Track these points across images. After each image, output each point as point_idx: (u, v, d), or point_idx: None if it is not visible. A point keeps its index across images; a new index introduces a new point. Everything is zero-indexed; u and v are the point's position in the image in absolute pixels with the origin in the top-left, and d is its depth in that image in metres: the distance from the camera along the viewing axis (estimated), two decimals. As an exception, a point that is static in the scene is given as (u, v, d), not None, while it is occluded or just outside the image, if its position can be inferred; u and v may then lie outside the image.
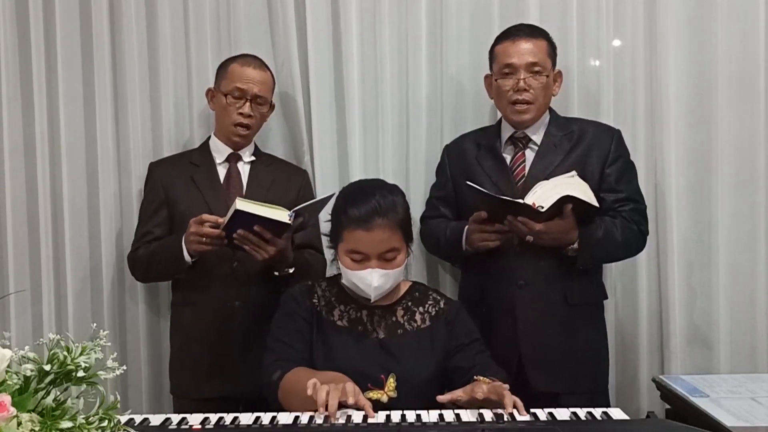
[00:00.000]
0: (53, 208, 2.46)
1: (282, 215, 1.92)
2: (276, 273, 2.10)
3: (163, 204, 2.21)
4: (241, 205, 1.89)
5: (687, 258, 2.42)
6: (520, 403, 1.52)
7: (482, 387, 1.55)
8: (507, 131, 2.19)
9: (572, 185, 1.99)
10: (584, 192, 1.98)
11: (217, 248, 2.01)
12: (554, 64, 2.15)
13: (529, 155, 2.16)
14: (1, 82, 2.41)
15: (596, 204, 2.00)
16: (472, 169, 2.18)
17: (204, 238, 1.98)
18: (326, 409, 1.47)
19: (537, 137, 2.16)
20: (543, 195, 1.96)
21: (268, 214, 1.91)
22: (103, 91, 2.45)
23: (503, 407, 1.51)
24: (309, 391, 1.51)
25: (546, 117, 2.18)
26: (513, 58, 2.09)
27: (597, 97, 2.40)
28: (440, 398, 1.58)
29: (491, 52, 2.17)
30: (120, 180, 2.48)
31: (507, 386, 1.56)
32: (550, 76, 2.13)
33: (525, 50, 2.09)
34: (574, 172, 2.06)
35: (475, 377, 1.64)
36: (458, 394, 1.58)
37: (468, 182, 2.01)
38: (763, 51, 2.36)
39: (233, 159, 2.25)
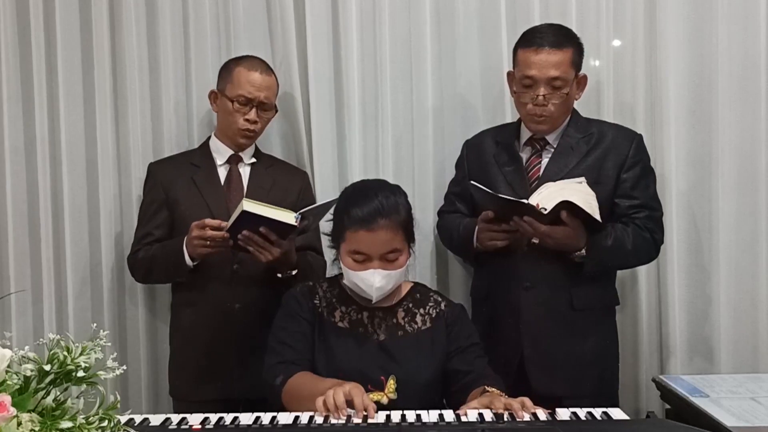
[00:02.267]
0: (53, 208, 2.46)
1: (288, 217, 1.92)
2: (279, 275, 2.10)
3: (162, 205, 2.20)
4: (248, 206, 1.89)
5: (687, 258, 2.42)
6: (530, 404, 1.53)
7: (500, 401, 1.54)
8: (526, 133, 2.16)
9: (577, 192, 1.96)
10: (587, 202, 1.94)
11: (221, 250, 2.00)
12: (579, 68, 2.09)
13: (546, 157, 2.13)
14: (1, 81, 2.41)
15: (598, 217, 1.95)
16: (489, 166, 2.17)
17: (208, 241, 1.98)
18: (338, 411, 1.48)
19: (555, 140, 2.13)
20: (548, 196, 1.94)
21: (275, 216, 1.91)
22: (103, 91, 2.45)
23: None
24: (323, 414, 1.49)
25: (565, 119, 2.14)
26: (533, 70, 2.01)
27: (597, 97, 2.40)
28: (462, 411, 1.55)
29: (515, 52, 2.11)
30: (120, 181, 2.47)
31: (524, 399, 1.55)
32: (573, 86, 2.07)
33: (547, 63, 2.00)
34: (582, 179, 2.03)
35: (486, 388, 1.64)
36: (473, 406, 1.56)
37: (472, 182, 2.00)
38: (764, 51, 2.36)
39: (234, 161, 2.24)
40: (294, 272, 2.10)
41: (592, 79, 2.41)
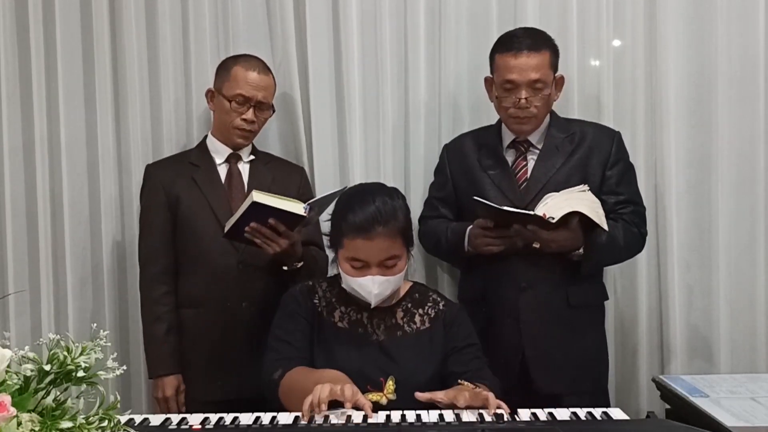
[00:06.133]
0: (53, 208, 2.46)
1: (297, 207, 1.93)
2: (285, 267, 2.09)
3: (163, 205, 2.19)
4: (258, 197, 1.89)
5: (687, 258, 2.42)
6: (504, 406, 1.52)
7: (464, 394, 1.54)
8: (508, 135, 2.18)
9: (584, 201, 1.98)
10: (596, 212, 1.97)
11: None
12: (556, 69, 2.12)
13: (531, 158, 2.15)
14: (0, 81, 2.41)
15: (605, 227, 1.98)
16: (474, 171, 2.18)
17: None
18: (319, 406, 1.47)
19: (538, 141, 2.15)
20: (554, 206, 1.95)
21: (284, 207, 1.92)
22: (103, 91, 2.45)
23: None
24: (306, 407, 1.49)
25: (546, 119, 2.17)
26: (514, 74, 2.04)
27: (597, 97, 2.40)
28: (418, 395, 1.56)
29: (492, 57, 2.14)
30: (120, 180, 2.47)
31: (490, 393, 1.55)
32: (552, 87, 2.10)
33: (527, 66, 2.03)
34: (586, 187, 2.04)
35: (459, 381, 1.63)
36: (439, 396, 1.57)
37: (475, 197, 1.99)
38: (763, 51, 2.36)
39: (233, 159, 2.24)
40: (299, 264, 2.10)
41: (592, 80, 2.41)
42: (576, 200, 1.97)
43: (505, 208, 1.96)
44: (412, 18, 2.43)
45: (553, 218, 1.92)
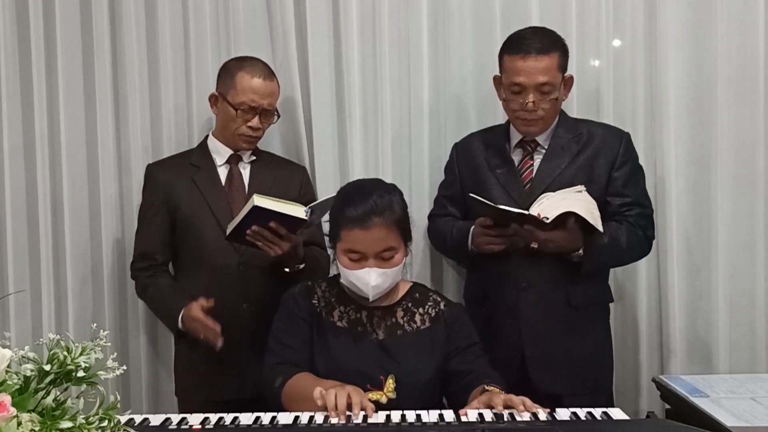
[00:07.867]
0: (53, 208, 2.46)
1: (298, 211, 1.94)
2: (286, 269, 2.10)
3: (162, 206, 2.19)
4: (259, 201, 1.90)
5: (687, 258, 2.42)
6: (530, 403, 1.53)
7: (500, 397, 1.55)
8: (516, 135, 2.17)
9: (580, 201, 1.97)
10: (590, 212, 1.96)
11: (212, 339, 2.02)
12: (565, 70, 2.10)
13: (537, 158, 2.14)
14: (1, 81, 2.41)
15: (600, 228, 1.97)
16: (481, 170, 2.18)
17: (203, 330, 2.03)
18: (337, 410, 1.48)
19: (545, 141, 2.15)
20: (550, 206, 1.95)
21: (285, 210, 1.93)
22: (103, 91, 2.45)
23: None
24: (318, 402, 1.52)
25: (555, 120, 2.15)
26: (522, 77, 2.02)
27: (597, 97, 2.40)
28: (462, 412, 1.57)
29: (501, 57, 2.11)
30: (120, 180, 2.47)
31: (524, 398, 1.56)
32: (560, 89, 2.08)
33: (535, 70, 2.01)
34: (582, 187, 2.03)
35: (486, 387, 1.64)
36: (474, 405, 1.57)
37: (471, 194, 2.00)
38: (763, 51, 2.36)
39: (234, 160, 2.24)
40: (301, 266, 2.10)
41: (592, 79, 2.41)
42: (571, 200, 1.97)
43: (500, 206, 1.96)
44: (413, 18, 2.43)
45: (548, 218, 1.92)
